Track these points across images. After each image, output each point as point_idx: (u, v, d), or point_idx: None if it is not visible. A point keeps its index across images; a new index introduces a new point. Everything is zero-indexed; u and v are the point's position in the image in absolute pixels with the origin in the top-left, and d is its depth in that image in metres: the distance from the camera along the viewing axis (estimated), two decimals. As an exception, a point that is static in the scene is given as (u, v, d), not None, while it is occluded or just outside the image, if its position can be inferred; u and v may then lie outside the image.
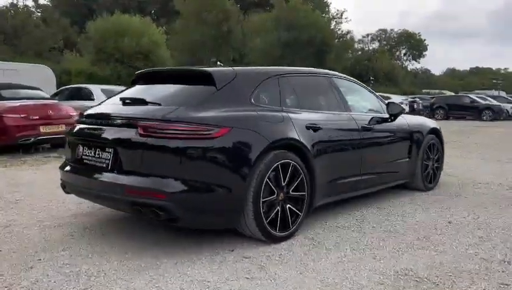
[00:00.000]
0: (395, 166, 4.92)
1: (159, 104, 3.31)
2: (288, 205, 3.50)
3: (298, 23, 39.51)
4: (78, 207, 4.54)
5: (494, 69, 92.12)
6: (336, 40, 43.49)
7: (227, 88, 3.41)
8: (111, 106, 3.65)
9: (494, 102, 26.11)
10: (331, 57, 42.97)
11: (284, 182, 3.44)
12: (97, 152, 3.33)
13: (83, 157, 3.46)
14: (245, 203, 3.21)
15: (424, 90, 44.71)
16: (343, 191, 4.23)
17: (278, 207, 3.41)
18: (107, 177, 3.20)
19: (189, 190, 3.00)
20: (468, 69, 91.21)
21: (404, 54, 61.61)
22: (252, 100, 3.50)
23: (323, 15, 44.26)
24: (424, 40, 60.04)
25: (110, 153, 3.22)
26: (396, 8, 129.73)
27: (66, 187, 3.72)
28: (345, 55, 45.83)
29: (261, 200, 3.27)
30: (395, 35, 61.09)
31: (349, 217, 4.25)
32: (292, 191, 3.52)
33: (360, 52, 54.88)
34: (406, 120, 5.12)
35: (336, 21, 44.27)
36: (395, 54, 60.44)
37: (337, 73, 4.75)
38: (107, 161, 3.24)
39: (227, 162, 3.14)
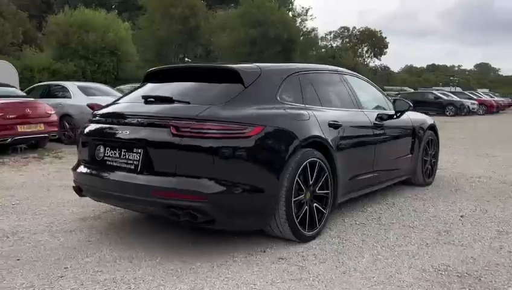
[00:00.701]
0: (401, 162, 4.99)
1: (188, 103, 3.19)
2: (314, 204, 3.47)
3: (265, 21, 39.56)
4: (83, 210, 4.34)
5: (448, 66, 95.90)
6: (301, 38, 43.87)
7: (254, 86, 3.33)
8: (131, 104, 3.48)
9: (456, 98, 27.16)
10: (296, 54, 43.32)
11: (311, 181, 3.40)
12: (123, 153, 3.17)
13: (105, 158, 3.28)
14: (278, 203, 3.15)
15: (386, 87, 45.87)
16: (361, 188, 4.25)
17: (306, 206, 3.37)
18: (136, 179, 3.05)
19: (226, 191, 2.90)
20: (425, 66, 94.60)
21: (366, 52, 62.95)
22: (278, 98, 3.43)
23: (288, 12, 44.46)
24: (385, 37, 61.62)
25: (139, 154, 3.07)
26: (356, 6, 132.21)
27: (82, 190, 3.53)
28: (310, 52, 46.31)
29: (293, 199, 3.22)
30: (357, 33, 62.30)
31: (364, 213, 4.27)
32: (318, 190, 3.49)
33: (323, 50, 55.58)
34: (409, 117, 5.20)
35: (301, 18, 44.55)
36: (358, 51, 61.62)
37: (346, 70, 4.75)
38: (135, 162, 3.09)
39: (261, 162, 3.06)
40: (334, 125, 3.73)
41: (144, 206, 3.12)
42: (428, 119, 5.74)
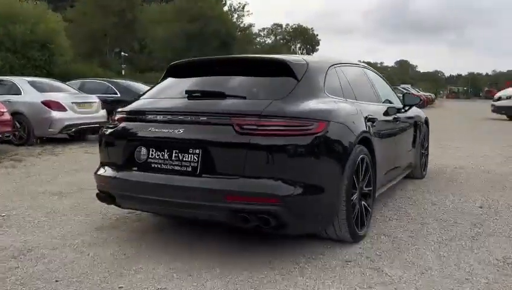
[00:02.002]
0: (409, 156, 5.03)
1: (244, 98, 2.92)
2: (362, 202, 3.35)
3: (202, 15, 38.96)
4: (91, 219, 3.90)
5: (372, 62, 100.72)
6: (239, 33, 43.83)
7: (305, 79, 3.13)
8: (171, 100, 3.13)
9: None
10: (234, 50, 43.17)
11: (361, 178, 3.28)
12: (174, 154, 2.83)
13: (150, 161, 2.92)
14: (340, 203, 2.99)
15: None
16: (387, 183, 4.21)
17: (357, 205, 3.25)
18: (196, 182, 2.73)
19: (299, 193, 2.68)
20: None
21: (299, 48, 64.30)
22: (326, 91, 3.26)
23: (225, 7, 44.16)
24: (317, 34, 63.35)
25: (197, 154, 2.76)
26: (285, 4, 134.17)
27: (114, 198, 3.12)
28: (248, 48, 46.40)
29: (351, 198, 3.08)
30: (290, 30, 63.43)
31: (386, 208, 4.23)
32: (365, 187, 3.38)
33: (258, 46, 55.99)
34: (412, 111, 5.26)
35: (238, 14, 44.47)
36: (291, 47, 62.81)
37: (363, 63, 4.69)
38: (193, 164, 2.77)
39: (328, 160, 2.88)
40: (371, 120, 3.64)
41: (205, 211, 2.79)
42: (423, 114, 5.87)
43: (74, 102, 9.32)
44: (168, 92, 3.30)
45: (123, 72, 31.48)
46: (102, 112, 10.10)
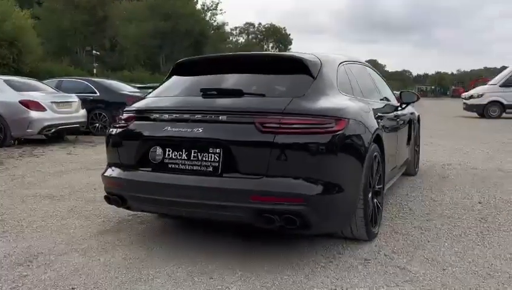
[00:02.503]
0: (406, 152, 5.08)
1: (263, 95, 2.86)
2: (375, 199, 3.35)
3: (175, 13, 38.52)
4: (91, 222, 3.76)
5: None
6: (212, 31, 43.55)
7: (320, 76, 3.09)
8: (185, 98, 3.03)
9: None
10: (208, 49, 42.90)
11: (374, 176, 3.28)
12: (193, 154, 2.74)
13: (166, 161, 2.82)
14: (358, 202, 2.97)
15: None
16: (390, 180, 4.22)
17: (371, 203, 3.24)
18: (217, 182, 2.65)
19: (323, 192, 2.64)
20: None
21: (272, 48, 64.46)
22: (339, 89, 3.23)
23: (197, 5, 43.77)
24: (289, 34, 63.68)
25: (218, 154, 2.68)
26: (256, 3, 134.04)
27: (125, 200, 3.00)
28: (221, 46, 46.18)
29: (368, 196, 3.07)
30: (262, 29, 63.52)
31: (389, 206, 4.25)
32: (377, 185, 3.38)
33: (231, 45, 55.81)
34: (407, 108, 5.31)
35: (211, 12, 44.15)
36: (264, 47, 62.90)
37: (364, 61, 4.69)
38: (214, 164, 2.68)
39: (348, 158, 2.84)
40: (380, 117, 3.64)
41: (227, 212, 2.71)
42: (415, 111, 5.94)
43: (53, 101, 9.01)
44: (178, 91, 3.20)
45: (95, 71, 30.76)
46: (83, 112, 9.82)
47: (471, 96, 18.42)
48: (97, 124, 11.18)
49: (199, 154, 2.72)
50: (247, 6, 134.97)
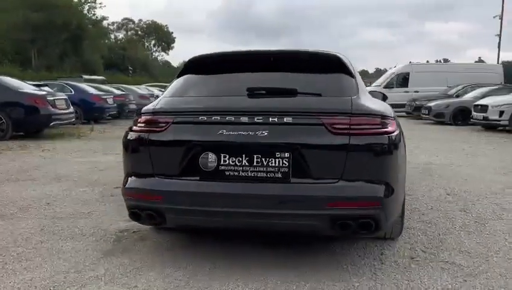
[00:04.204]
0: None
1: (319, 95, 2.70)
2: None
3: (48, 4, 35.04)
4: (91, 241, 3.22)
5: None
6: (91, 26, 40.56)
7: (357, 75, 3.05)
8: (232, 98, 2.70)
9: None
10: (86, 44, 39.98)
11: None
12: (256, 159, 2.46)
13: (222, 168, 2.49)
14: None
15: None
16: None
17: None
18: (290, 189, 2.43)
19: (390, 193, 2.58)
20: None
21: (154, 45, 62.60)
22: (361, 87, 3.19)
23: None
24: (172, 32, 62.43)
25: (287, 158, 2.45)
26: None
27: (167, 214, 2.58)
28: (101, 42, 43.33)
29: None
30: (143, 26, 61.26)
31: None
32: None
33: (111, 41, 52.81)
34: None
35: (89, 5, 41.11)
36: (145, 44, 60.80)
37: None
38: (283, 169, 2.44)
39: (401, 158, 2.78)
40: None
41: (300, 221, 2.49)
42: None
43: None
44: (210, 90, 2.87)
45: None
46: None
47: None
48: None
49: (264, 159, 2.47)
50: (125, 1, 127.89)
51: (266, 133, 2.46)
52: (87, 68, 37.48)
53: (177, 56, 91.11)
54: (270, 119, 2.50)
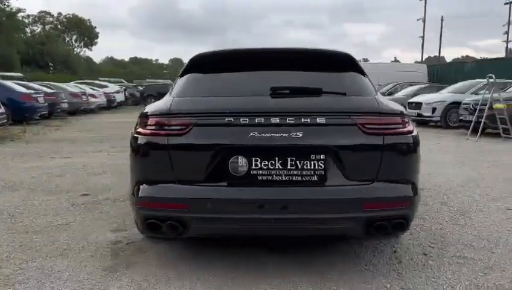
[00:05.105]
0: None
1: (344, 94, 2.63)
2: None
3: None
4: (86, 257, 2.90)
5: (148, 59, 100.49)
6: (5, 18, 37.31)
7: (367, 75, 3.02)
8: (257, 98, 2.54)
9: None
10: (1, 38, 36.77)
11: None
12: (290, 162, 2.33)
13: (254, 172, 2.33)
14: None
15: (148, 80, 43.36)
16: None
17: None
18: (326, 193, 2.34)
19: (417, 192, 2.59)
20: (127, 59, 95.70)
21: (75, 40, 59.16)
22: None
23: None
24: (95, 27, 59.37)
25: (322, 160, 2.35)
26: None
27: (191, 224, 2.37)
28: (17, 36, 40.04)
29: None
30: (63, 20, 57.63)
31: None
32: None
33: (24, 35, 49.00)
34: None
35: (3, -4, 37.70)
36: (66, 39, 57.31)
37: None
38: (319, 172, 2.34)
39: (419, 157, 2.78)
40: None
41: (337, 225, 2.40)
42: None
43: None
44: (225, 89, 2.69)
45: None
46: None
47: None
48: None
49: (298, 162, 2.35)
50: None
51: (301, 135, 2.35)
52: (2, 65, 34.48)
53: (100, 52, 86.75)
54: (303, 120, 2.38)
